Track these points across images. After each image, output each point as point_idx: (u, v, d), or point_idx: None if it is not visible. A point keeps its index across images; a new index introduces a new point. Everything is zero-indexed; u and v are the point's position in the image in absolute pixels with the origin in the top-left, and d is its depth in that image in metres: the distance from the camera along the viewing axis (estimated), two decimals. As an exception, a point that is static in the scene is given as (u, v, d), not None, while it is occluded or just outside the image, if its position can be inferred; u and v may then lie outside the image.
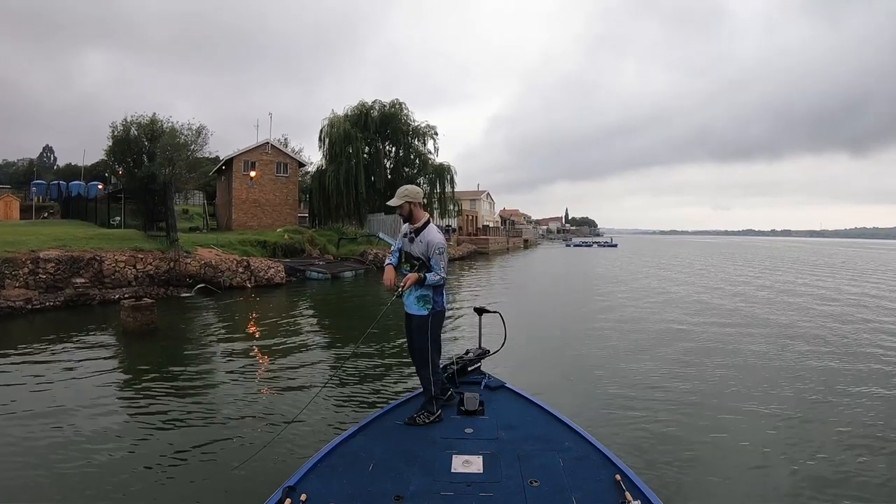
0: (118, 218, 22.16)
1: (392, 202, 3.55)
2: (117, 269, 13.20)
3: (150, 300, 9.08)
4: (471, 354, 4.20)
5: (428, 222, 3.54)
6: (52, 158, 67.35)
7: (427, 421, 3.28)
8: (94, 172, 39.91)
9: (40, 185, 37.29)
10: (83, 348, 8.02)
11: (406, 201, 3.51)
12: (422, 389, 3.63)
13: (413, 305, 3.55)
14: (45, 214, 31.06)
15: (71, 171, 46.26)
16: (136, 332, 8.72)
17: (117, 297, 12.19)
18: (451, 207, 36.01)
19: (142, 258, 13.65)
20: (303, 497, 2.37)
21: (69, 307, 11.84)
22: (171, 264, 13.87)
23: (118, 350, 8.03)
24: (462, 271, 24.99)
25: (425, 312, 3.50)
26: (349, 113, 30.98)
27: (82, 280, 12.57)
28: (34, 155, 66.46)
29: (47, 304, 11.74)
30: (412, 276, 3.40)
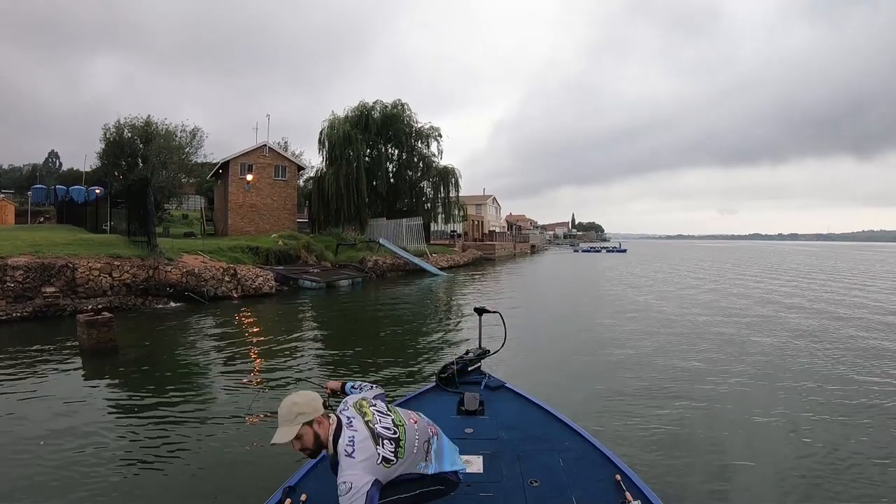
0: (112, 223, 21.36)
1: (278, 438, 1.95)
2: (91, 277, 12.27)
3: (108, 315, 8.09)
4: (471, 354, 4.06)
5: (339, 434, 1.96)
6: (56, 163, 67.08)
7: None
8: (95, 177, 39.39)
9: (39, 189, 36.75)
10: (31, 368, 7.07)
11: (303, 423, 1.94)
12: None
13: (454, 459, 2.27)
14: (41, 219, 30.48)
15: (72, 176, 45.74)
16: (91, 350, 7.72)
17: (90, 307, 11.26)
18: (456, 212, 35.03)
19: (118, 266, 12.71)
20: (303, 497, 2.34)
21: (38, 318, 10.97)
22: (150, 272, 12.92)
23: (63, 372, 7.04)
24: (467, 279, 23.93)
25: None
26: (349, 114, 30.05)
27: (52, 289, 11.65)
28: (40, 160, 66.31)
29: (14, 314, 10.85)
30: None
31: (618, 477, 2.53)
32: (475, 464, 2.74)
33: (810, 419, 5.37)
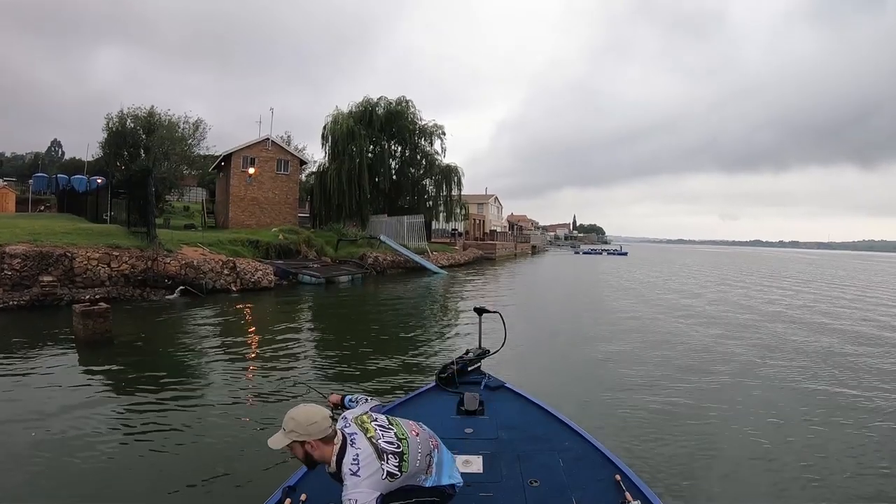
0: (113, 212, 21.26)
1: (271, 443, 1.95)
2: (89, 267, 12.18)
3: (104, 305, 8.00)
4: (471, 354, 4.05)
5: (343, 452, 1.94)
6: (59, 152, 67.01)
7: None
8: (97, 167, 39.28)
9: (41, 178, 36.61)
10: (25, 358, 7.00)
11: (294, 441, 1.92)
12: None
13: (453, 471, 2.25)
14: (42, 208, 30.38)
15: (75, 166, 45.64)
16: (87, 341, 7.64)
17: (88, 297, 11.17)
18: (458, 210, 34.92)
19: (117, 256, 12.61)
20: (303, 497, 2.34)
21: (35, 307, 10.89)
22: (149, 263, 12.83)
23: (58, 363, 6.95)
24: (468, 278, 23.84)
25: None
26: (353, 109, 29.90)
27: (50, 278, 11.56)
28: (43, 149, 66.25)
29: (11, 303, 10.77)
30: None
31: (618, 477, 2.52)
32: (475, 464, 2.73)
33: (813, 421, 5.37)
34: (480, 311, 4.42)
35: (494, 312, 4.28)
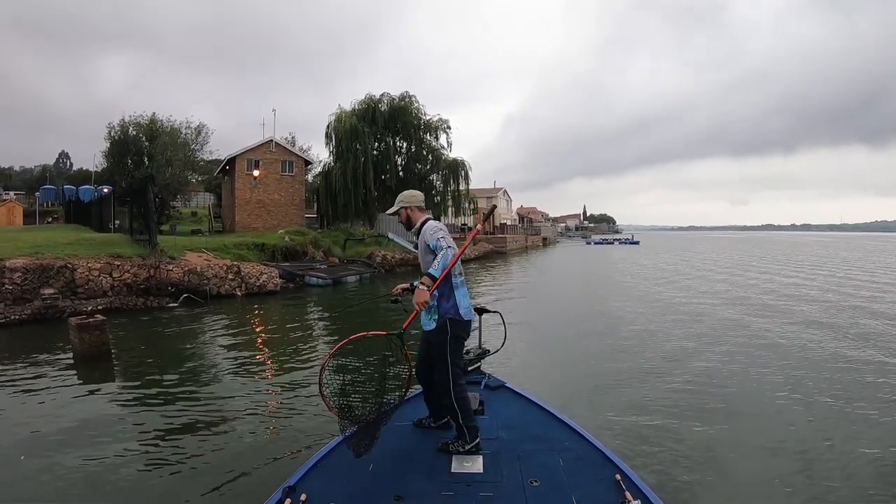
0: (118, 221, 21.10)
1: (390, 210, 3.38)
2: (91, 277, 11.90)
3: (101, 317, 7.66)
4: (471, 354, 4.09)
5: (426, 221, 3.20)
6: (67, 164, 67.47)
7: (462, 450, 2.89)
8: (103, 177, 39.34)
9: (48, 190, 36.68)
10: (21, 375, 6.69)
11: (401, 207, 3.26)
12: (422, 390, 3.53)
13: (424, 319, 3.11)
14: (49, 219, 30.38)
15: (82, 176, 45.79)
16: (84, 355, 7.31)
17: (90, 308, 10.89)
18: (467, 205, 34.36)
19: (119, 265, 12.32)
20: (303, 497, 2.34)
21: (37, 321, 10.61)
22: (151, 272, 12.52)
23: (54, 379, 6.61)
24: (477, 273, 23.37)
25: (433, 325, 3.07)
26: (356, 107, 29.43)
27: (51, 290, 11.28)
28: (52, 161, 66.77)
29: (12, 317, 10.50)
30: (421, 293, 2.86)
31: (618, 477, 2.52)
32: (475, 463, 2.75)
33: (815, 422, 5.22)
34: (480, 310, 4.35)
35: (494, 312, 4.26)
